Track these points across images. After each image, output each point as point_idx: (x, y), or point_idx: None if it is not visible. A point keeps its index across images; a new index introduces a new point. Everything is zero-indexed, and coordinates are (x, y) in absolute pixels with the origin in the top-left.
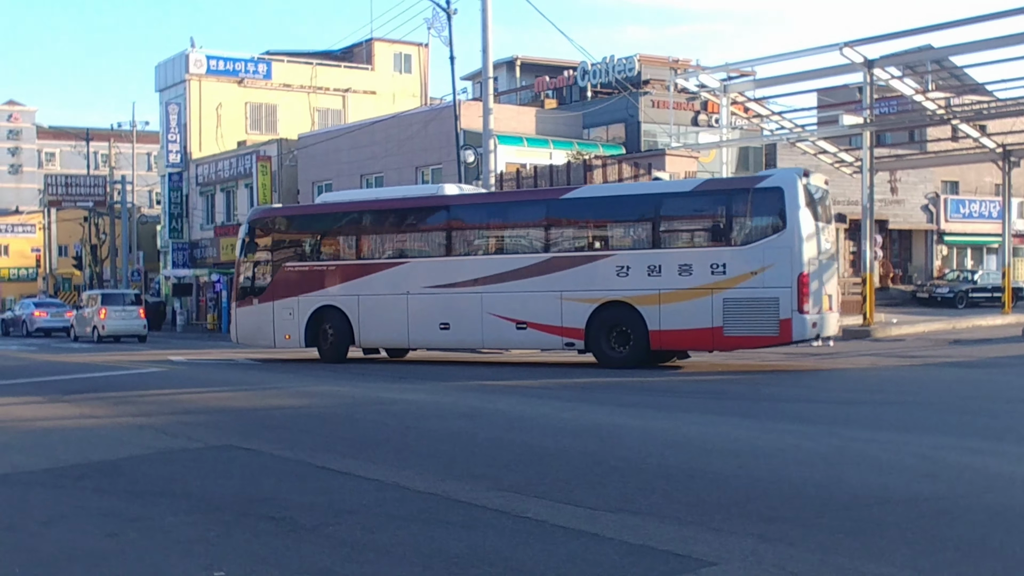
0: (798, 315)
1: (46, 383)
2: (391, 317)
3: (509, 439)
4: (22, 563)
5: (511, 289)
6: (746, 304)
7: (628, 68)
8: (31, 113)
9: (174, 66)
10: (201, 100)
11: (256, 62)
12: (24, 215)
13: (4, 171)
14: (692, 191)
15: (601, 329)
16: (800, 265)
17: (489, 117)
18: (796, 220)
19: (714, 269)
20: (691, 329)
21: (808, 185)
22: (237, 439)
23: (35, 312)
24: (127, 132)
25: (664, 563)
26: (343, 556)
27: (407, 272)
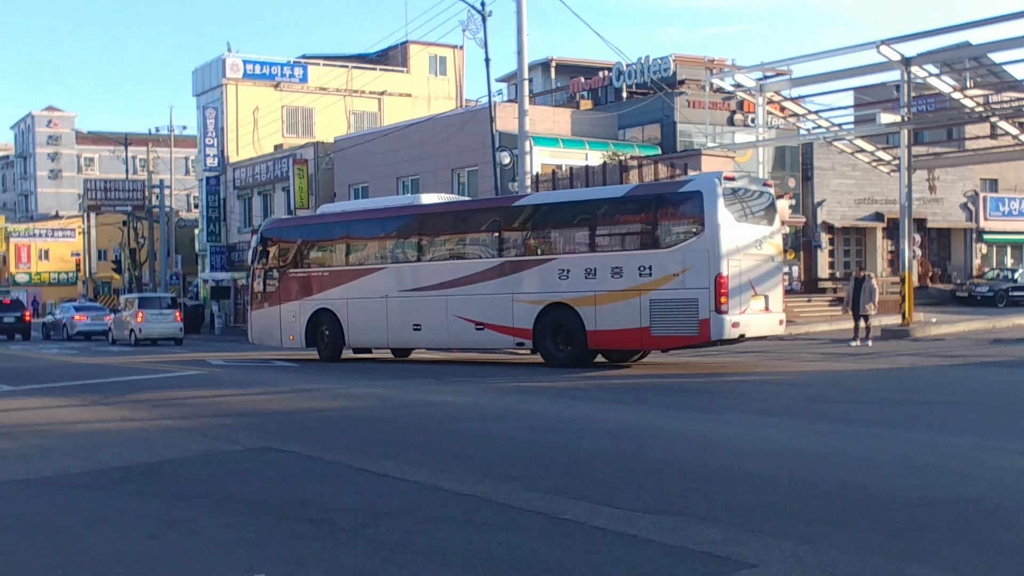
0: (716, 315)
1: (86, 386)
2: (374, 319)
3: (546, 441)
4: (65, 565)
5: (471, 292)
6: (670, 305)
7: (663, 68)
8: (70, 119)
9: (211, 71)
10: (238, 104)
11: (292, 66)
12: (64, 220)
13: (44, 176)
14: (624, 197)
15: (547, 329)
16: (718, 266)
17: (524, 118)
18: (714, 223)
19: (642, 271)
20: (623, 329)
21: (731, 189)
22: (275, 441)
23: (75, 316)
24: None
25: (704, 565)
26: (383, 558)
27: (386, 277)
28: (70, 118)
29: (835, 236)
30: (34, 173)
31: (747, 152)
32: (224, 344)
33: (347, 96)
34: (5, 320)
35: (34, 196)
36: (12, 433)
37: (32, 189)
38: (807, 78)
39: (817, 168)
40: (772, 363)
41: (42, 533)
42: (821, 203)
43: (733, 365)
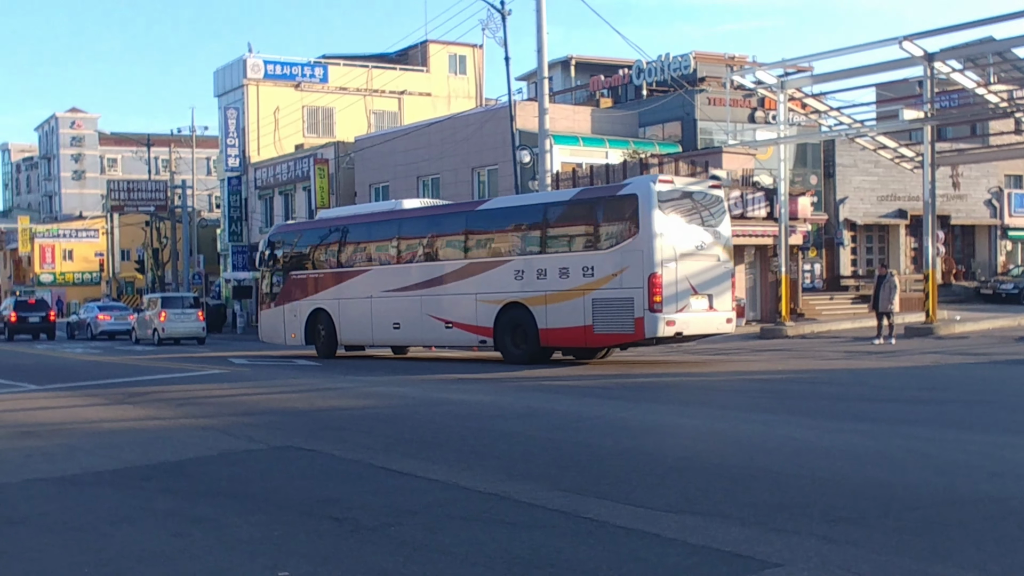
0: (650, 314)
1: (110, 385)
2: (362, 319)
3: (568, 439)
4: (91, 563)
5: (441, 293)
6: (609, 304)
7: (684, 66)
8: (93, 120)
9: (232, 71)
10: (259, 104)
11: (313, 66)
12: (88, 220)
13: (68, 177)
14: (570, 200)
15: (505, 328)
16: (651, 266)
17: (545, 117)
18: (649, 224)
19: (585, 272)
20: (570, 327)
21: (669, 191)
22: (299, 440)
23: (99, 315)
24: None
25: (727, 564)
26: (405, 556)
27: (371, 278)
28: (93, 119)
29: (857, 233)
30: (58, 174)
31: (768, 149)
32: (246, 343)
33: (367, 96)
34: (30, 320)
35: (58, 197)
36: (38, 432)
37: (56, 190)
38: (829, 74)
39: (839, 165)
40: (794, 361)
41: (68, 531)
42: (843, 200)
43: (754, 363)
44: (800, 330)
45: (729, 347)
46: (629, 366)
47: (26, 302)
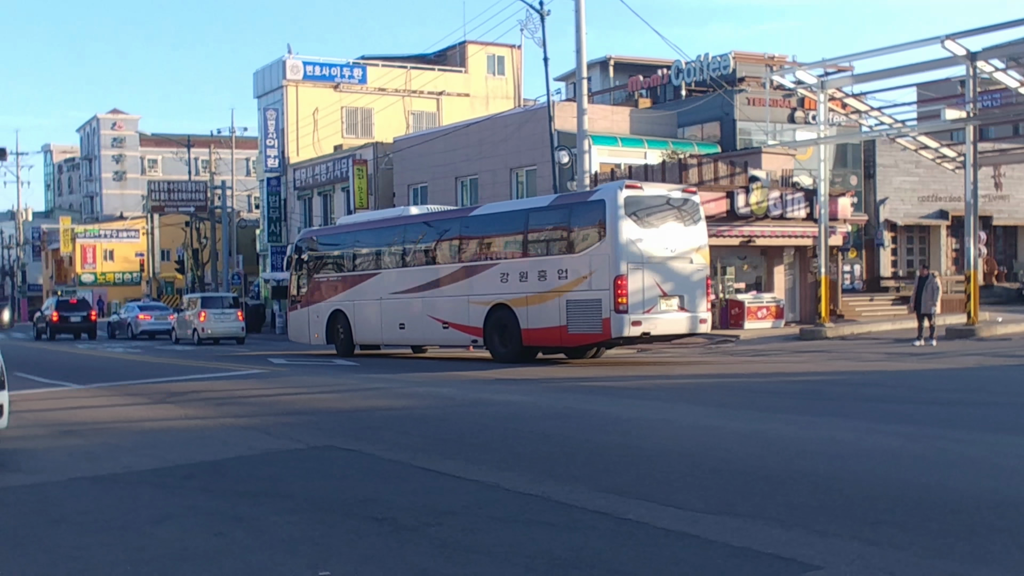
0: (616, 315)
1: (151, 384)
2: (373, 319)
3: (607, 440)
4: (133, 561)
5: (439, 294)
6: (580, 305)
7: (723, 66)
8: (134, 121)
9: (272, 73)
10: (298, 105)
11: (351, 67)
12: (128, 221)
13: (109, 178)
14: (548, 206)
15: (494, 328)
16: (617, 269)
17: (583, 117)
18: (615, 229)
19: (560, 275)
20: (548, 327)
21: (636, 197)
22: (338, 440)
23: (139, 315)
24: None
25: (768, 566)
26: (445, 557)
27: (381, 281)
28: (134, 121)
29: (898, 234)
30: (99, 175)
31: (808, 150)
32: (285, 343)
33: (406, 96)
34: (72, 320)
35: (99, 197)
36: (80, 431)
37: (97, 191)
38: (869, 74)
39: (880, 165)
40: (834, 363)
41: (110, 530)
42: (884, 201)
43: (794, 364)
44: (840, 331)
45: (769, 348)
46: (661, 367)
47: (68, 302)
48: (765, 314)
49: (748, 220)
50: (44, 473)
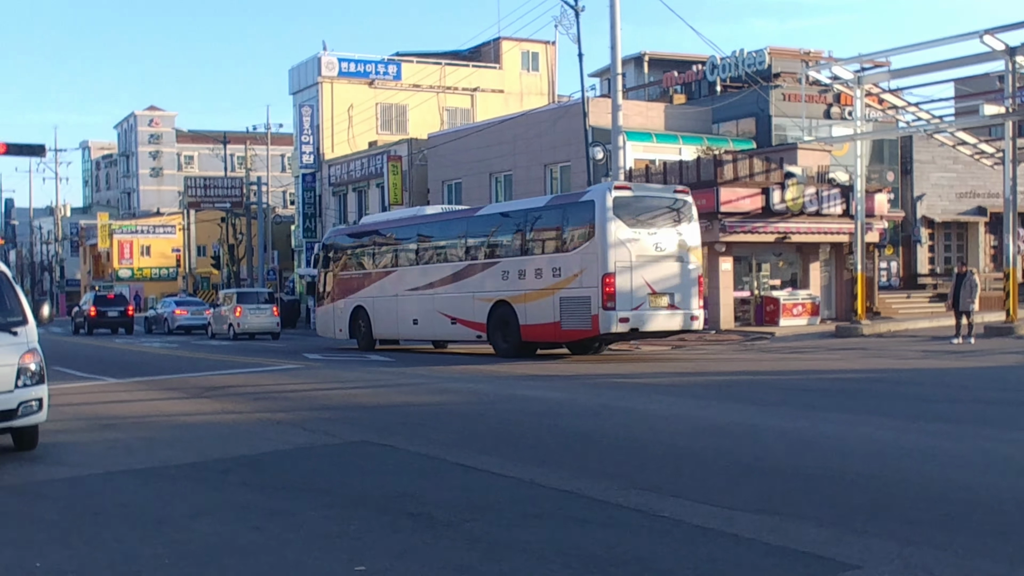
0: (604, 311)
1: (188, 379)
2: (390, 315)
3: (644, 437)
4: (172, 555)
5: (448, 291)
6: (572, 302)
7: (758, 61)
8: (171, 118)
9: (307, 69)
10: (333, 102)
11: (386, 63)
12: (165, 216)
13: (146, 174)
14: (544, 206)
15: (496, 324)
16: (605, 267)
17: (618, 113)
18: (604, 229)
19: (555, 273)
20: (544, 323)
21: (625, 198)
22: (374, 435)
23: (176, 310)
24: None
25: (805, 565)
26: (481, 553)
27: (397, 279)
28: (170, 117)
29: (935, 231)
30: (136, 171)
31: (844, 146)
32: (320, 338)
33: (440, 93)
34: (109, 314)
35: (136, 193)
36: (118, 424)
37: (134, 187)
38: (906, 69)
39: (917, 161)
40: (871, 360)
41: (149, 523)
42: (921, 197)
43: (830, 362)
44: (876, 329)
45: (804, 345)
46: (695, 363)
47: (105, 297)
48: (800, 311)
49: (783, 216)
50: (84, 466)
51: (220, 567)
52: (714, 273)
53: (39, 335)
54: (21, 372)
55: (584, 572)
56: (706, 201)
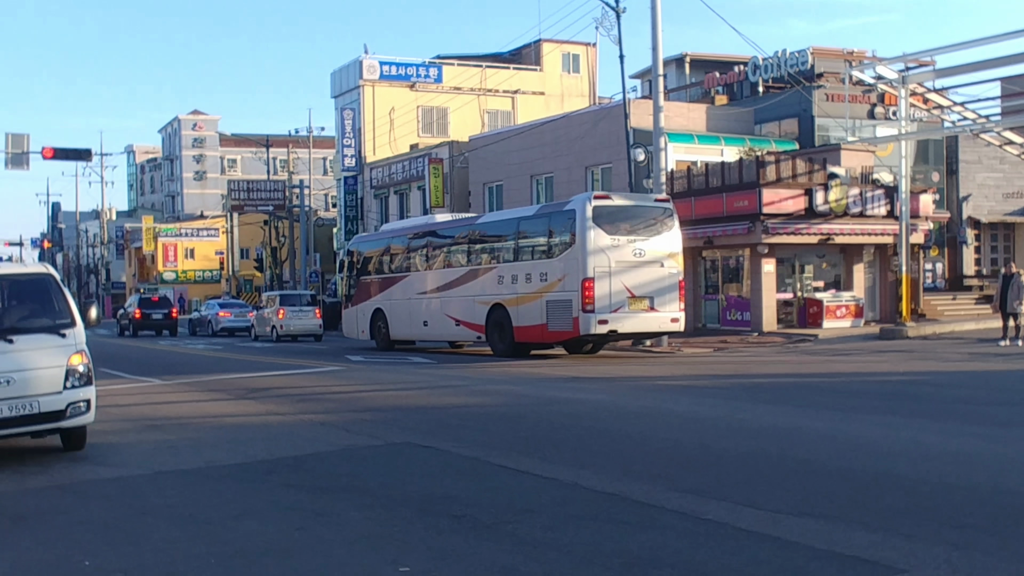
0: (583, 314)
1: (232, 380)
2: (405, 317)
3: (685, 440)
4: (217, 554)
5: (453, 295)
6: (557, 305)
7: (801, 62)
8: (214, 122)
9: (348, 73)
10: (375, 105)
11: (427, 66)
12: (208, 219)
13: (190, 177)
14: (533, 215)
15: (494, 326)
16: (585, 272)
17: (659, 115)
18: (584, 236)
19: (542, 278)
20: (533, 325)
21: (605, 207)
22: (416, 437)
23: (220, 312)
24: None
25: (852, 569)
26: (524, 554)
27: (410, 283)
28: (214, 121)
29: (981, 232)
30: (180, 175)
31: (888, 146)
32: (361, 340)
33: (481, 95)
34: (153, 317)
35: (180, 197)
36: (164, 425)
37: (178, 190)
38: (952, 68)
39: (962, 161)
40: (916, 363)
41: (195, 523)
42: (967, 198)
43: (875, 364)
44: (921, 331)
45: (848, 347)
46: (738, 366)
47: (149, 299)
48: (844, 313)
49: (827, 218)
50: (130, 466)
51: (264, 567)
52: (756, 275)
53: (87, 337)
54: (69, 374)
55: (626, 573)
56: (748, 202)
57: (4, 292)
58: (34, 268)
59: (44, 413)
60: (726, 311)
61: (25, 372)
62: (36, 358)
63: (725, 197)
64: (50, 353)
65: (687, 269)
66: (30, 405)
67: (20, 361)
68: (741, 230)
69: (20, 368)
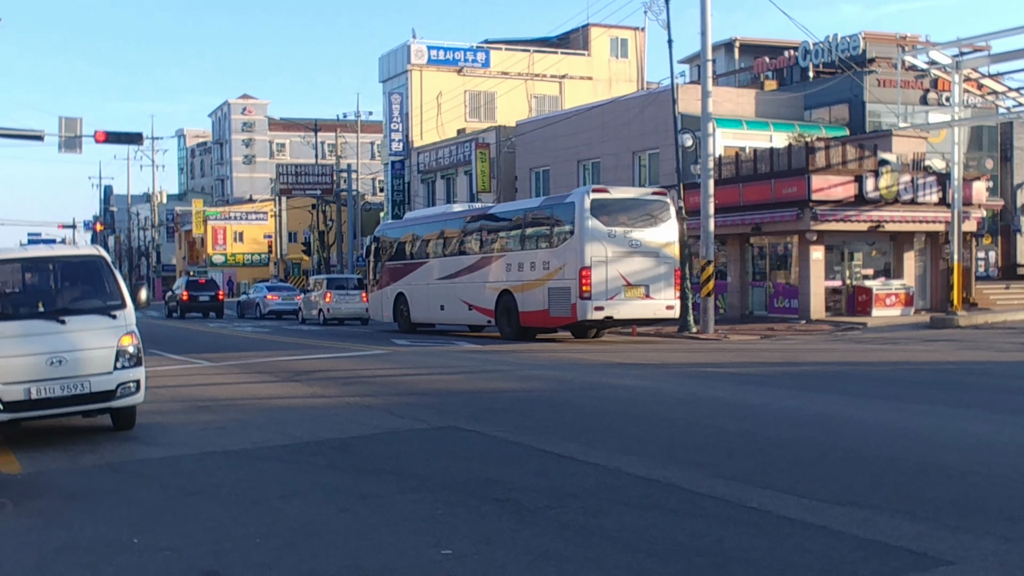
0: (581, 301)
1: (279, 363)
2: (424, 301)
3: (729, 427)
4: (264, 535)
5: (467, 281)
6: (557, 292)
7: (852, 46)
8: (263, 106)
9: (396, 57)
10: (422, 89)
11: (475, 51)
12: (257, 203)
13: (239, 161)
14: (538, 206)
15: (503, 311)
16: (582, 261)
17: (708, 100)
18: (582, 227)
19: (545, 266)
20: (537, 311)
21: (602, 200)
22: (460, 421)
23: (268, 296)
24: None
25: (898, 560)
26: (567, 540)
27: (429, 268)
28: (263, 106)
29: None
30: (230, 158)
31: (941, 132)
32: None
33: (528, 80)
34: (201, 299)
35: (230, 180)
36: (212, 406)
37: (228, 174)
38: (1007, 53)
39: (1017, 148)
40: (967, 352)
41: (242, 503)
42: (1021, 185)
43: (925, 353)
44: (973, 320)
45: (897, 336)
46: (784, 353)
47: (197, 282)
48: (894, 301)
49: (877, 205)
50: (179, 447)
51: (310, 548)
52: (805, 262)
53: (137, 319)
54: (120, 354)
55: (670, 561)
56: (797, 189)
57: (57, 274)
58: (86, 250)
59: (95, 393)
60: (773, 298)
61: (77, 352)
62: (87, 339)
63: (773, 183)
64: (101, 334)
65: (734, 256)
66: (81, 385)
67: (72, 341)
68: (789, 217)
69: (72, 348)
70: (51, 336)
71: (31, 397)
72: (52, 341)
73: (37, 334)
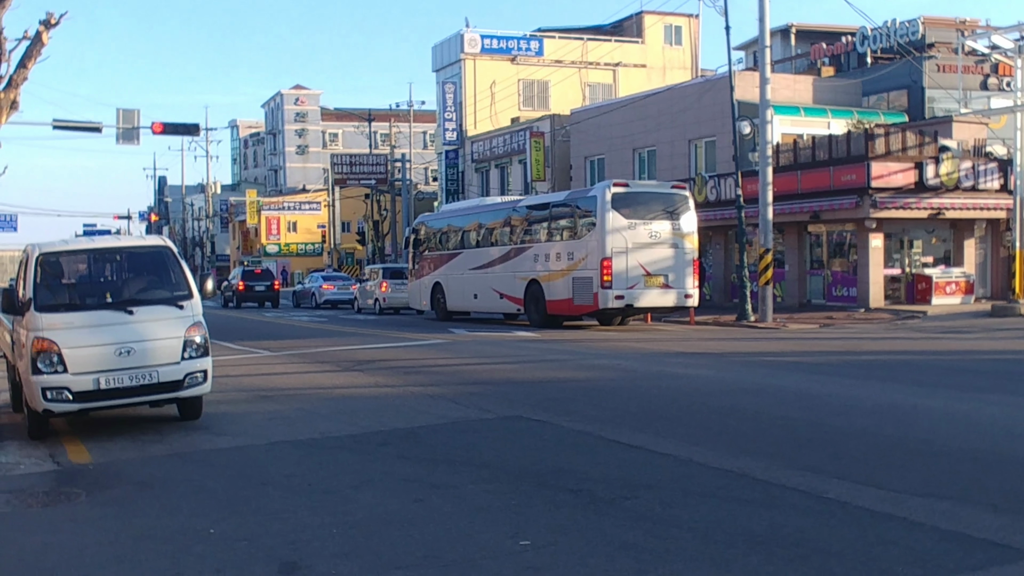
0: (602, 290)
1: (339, 352)
2: (460, 290)
3: (798, 417)
4: (339, 524)
5: (497, 271)
6: (581, 281)
7: (911, 31)
8: (316, 96)
9: (450, 46)
10: (476, 79)
11: (528, 39)
12: (310, 193)
13: (292, 152)
14: (562, 201)
15: (530, 299)
16: (604, 252)
17: (766, 87)
18: (603, 219)
19: (569, 256)
20: (562, 299)
21: (622, 194)
22: (526, 410)
23: (323, 285)
24: (405, 112)
25: (982, 551)
26: (645, 531)
27: (464, 259)
28: (316, 96)
29: None
30: (283, 149)
31: (1003, 118)
32: (464, 314)
33: (582, 68)
34: (256, 289)
35: (283, 171)
36: (275, 396)
37: (281, 164)
38: None
39: None
40: None
41: (314, 493)
42: None
43: (988, 342)
44: None
45: (959, 325)
46: (846, 343)
47: (252, 272)
48: (954, 289)
49: (937, 192)
50: (246, 436)
51: (387, 538)
52: (864, 250)
53: None
54: (187, 345)
55: (749, 552)
56: (856, 176)
57: (124, 265)
58: (152, 241)
59: (163, 383)
60: (831, 287)
61: (145, 343)
62: (155, 329)
63: (832, 171)
64: (168, 324)
65: (792, 244)
66: (150, 375)
67: (140, 332)
68: (848, 204)
69: (140, 339)
70: (120, 326)
71: (100, 387)
72: (121, 331)
73: (106, 324)
